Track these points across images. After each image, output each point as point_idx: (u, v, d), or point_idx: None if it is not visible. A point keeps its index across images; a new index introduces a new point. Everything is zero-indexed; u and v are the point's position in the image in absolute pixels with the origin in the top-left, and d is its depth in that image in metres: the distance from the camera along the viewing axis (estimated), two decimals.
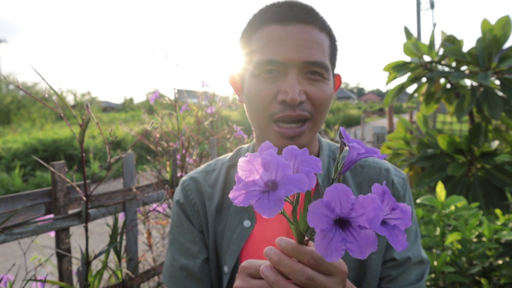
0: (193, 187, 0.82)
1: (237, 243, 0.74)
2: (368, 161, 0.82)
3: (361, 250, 0.37)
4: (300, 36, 0.67)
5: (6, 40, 27.18)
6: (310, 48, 0.67)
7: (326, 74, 0.70)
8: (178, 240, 0.81)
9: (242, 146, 0.89)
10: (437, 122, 5.32)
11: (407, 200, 0.81)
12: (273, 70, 0.68)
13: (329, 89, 0.71)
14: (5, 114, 18.31)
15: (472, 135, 2.42)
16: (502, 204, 2.25)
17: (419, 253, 0.79)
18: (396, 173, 0.82)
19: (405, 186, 0.81)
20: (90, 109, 0.76)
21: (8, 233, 1.12)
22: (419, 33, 15.04)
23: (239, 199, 0.38)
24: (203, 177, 0.83)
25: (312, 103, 0.69)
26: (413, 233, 0.80)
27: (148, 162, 7.65)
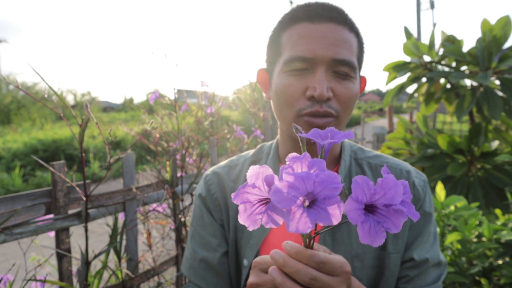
0: (215, 182, 0.84)
1: (258, 238, 0.76)
2: (389, 162, 0.83)
3: (395, 225, 0.41)
4: (330, 34, 0.69)
5: (6, 40, 27.17)
6: (339, 46, 0.69)
7: (353, 73, 0.71)
8: (199, 233, 0.83)
9: (265, 143, 0.91)
10: (437, 122, 5.32)
11: (427, 202, 0.81)
12: (302, 67, 0.70)
13: (355, 88, 0.73)
14: (5, 114, 18.30)
15: (472, 135, 2.42)
16: (502, 204, 2.25)
17: (437, 255, 0.80)
18: (417, 175, 0.82)
19: (426, 188, 0.81)
20: (89, 109, 0.76)
21: (8, 233, 1.12)
22: (419, 33, 15.04)
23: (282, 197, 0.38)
24: (226, 172, 0.85)
25: (338, 101, 0.71)
26: (432, 235, 0.80)
27: (148, 162, 7.65)
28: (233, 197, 0.44)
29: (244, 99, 2.25)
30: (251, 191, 0.43)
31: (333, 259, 0.49)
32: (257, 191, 0.43)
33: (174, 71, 1.52)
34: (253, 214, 0.43)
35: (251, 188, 0.43)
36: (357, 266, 0.73)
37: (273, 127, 2.27)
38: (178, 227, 1.63)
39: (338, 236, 0.74)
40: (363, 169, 0.81)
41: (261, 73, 0.83)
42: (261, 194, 0.43)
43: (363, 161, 0.82)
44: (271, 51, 0.77)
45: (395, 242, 0.76)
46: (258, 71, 0.84)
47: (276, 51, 0.75)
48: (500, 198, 2.28)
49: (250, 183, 0.43)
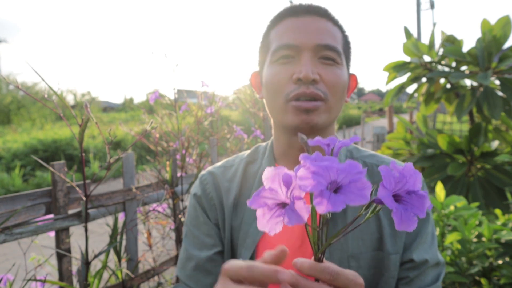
0: (210, 181, 0.84)
1: (253, 237, 0.76)
2: (384, 161, 0.82)
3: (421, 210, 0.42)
4: (313, 24, 0.73)
5: (6, 40, 27.17)
6: (323, 34, 0.72)
7: (339, 58, 0.73)
8: (193, 233, 0.83)
9: (260, 144, 0.91)
10: (437, 122, 5.32)
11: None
12: (289, 55, 0.72)
13: (342, 74, 0.74)
14: (5, 114, 18.30)
15: (472, 135, 2.42)
16: (502, 204, 2.25)
17: (436, 255, 0.79)
18: None
19: (423, 188, 0.79)
20: (89, 109, 0.76)
21: (8, 233, 1.12)
22: (419, 33, 15.04)
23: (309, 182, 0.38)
24: (221, 172, 0.85)
25: (326, 85, 0.72)
26: (430, 235, 0.79)
27: (148, 162, 7.65)
28: (250, 203, 0.43)
29: (244, 99, 2.25)
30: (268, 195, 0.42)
31: (346, 271, 0.48)
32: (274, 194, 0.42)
33: (174, 71, 1.52)
34: (273, 218, 0.42)
35: (268, 192, 0.42)
36: (353, 266, 0.73)
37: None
38: (178, 227, 1.63)
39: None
40: None
41: (254, 75, 0.86)
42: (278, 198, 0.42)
43: (358, 160, 0.82)
44: (261, 52, 0.81)
45: (394, 242, 0.76)
46: (251, 74, 0.86)
47: (265, 50, 0.78)
48: (500, 198, 2.28)
49: (266, 187, 0.42)
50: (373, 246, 0.74)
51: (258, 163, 0.84)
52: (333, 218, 0.74)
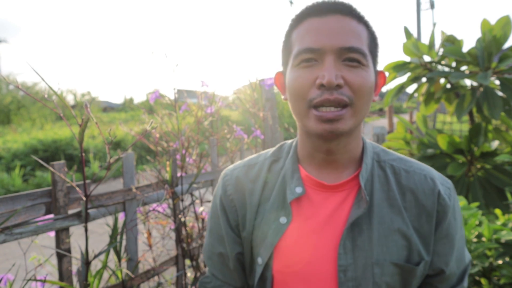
0: (232, 183, 0.84)
1: (272, 238, 0.76)
2: (413, 166, 0.79)
3: None
4: (336, 25, 0.69)
5: (6, 40, 27.16)
6: (346, 35, 0.68)
7: (364, 60, 0.69)
8: (216, 230, 0.85)
9: (286, 141, 0.89)
10: (437, 122, 5.32)
11: (456, 210, 0.77)
12: (311, 58, 0.69)
13: (369, 76, 0.70)
14: (5, 114, 18.29)
15: (472, 135, 2.42)
16: (502, 204, 2.25)
17: (464, 261, 0.79)
18: (443, 182, 0.78)
19: (452, 196, 0.77)
20: (89, 109, 0.76)
21: (8, 233, 1.12)
22: (419, 33, 15.03)
23: None
24: (245, 172, 0.85)
25: (351, 89, 0.68)
26: (462, 245, 0.79)
27: (148, 162, 7.64)
28: None
29: (244, 99, 2.25)
30: None
31: None
32: None
33: (174, 71, 1.52)
34: None
35: None
36: (376, 273, 0.71)
37: (273, 127, 2.27)
38: (178, 227, 1.63)
39: (359, 242, 0.72)
40: (385, 172, 0.78)
41: (278, 76, 0.83)
42: None
43: (386, 163, 0.79)
44: (284, 52, 0.78)
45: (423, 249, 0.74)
46: (275, 74, 0.84)
47: (287, 51, 0.76)
48: (500, 198, 2.28)
49: None
50: (399, 254, 0.72)
51: (281, 162, 0.83)
52: (358, 223, 0.72)
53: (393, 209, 0.74)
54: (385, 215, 0.73)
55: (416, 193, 0.75)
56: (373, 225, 0.72)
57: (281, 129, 2.79)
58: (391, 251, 0.72)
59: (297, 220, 0.75)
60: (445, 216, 0.74)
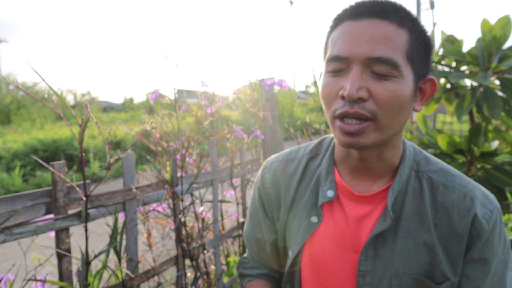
0: (269, 177, 0.87)
1: (303, 235, 0.78)
2: (454, 182, 0.73)
3: None
4: (368, 30, 0.64)
5: (6, 40, 27.17)
6: (377, 43, 0.63)
7: (395, 71, 0.63)
8: (255, 216, 0.91)
9: (327, 136, 0.89)
10: (437, 122, 5.32)
11: (496, 235, 0.71)
12: (339, 67, 0.67)
13: (400, 89, 0.64)
14: (5, 114, 18.30)
15: (472, 135, 2.42)
16: (502, 204, 2.25)
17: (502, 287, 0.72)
18: (485, 203, 0.71)
19: (493, 220, 0.71)
20: (89, 109, 0.76)
21: (8, 233, 1.12)
22: None
23: None
24: (283, 167, 0.86)
25: (376, 103, 0.64)
26: (501, 271, 0.72)
27: (148, 162, 7.65)
28: None
29: (244, 99, 2.25)
30: None
31: None
32: None
33: (174, 71, 1.52)
34: None
35: None
36: (394, 284, 0.71)
37: (273, 127, 2.27)
38: (178, 227, 1.63)
39: (381, 252, 0.72)
40: (421, 185, 0.73)
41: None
42: None
43: (424, 175, 0.74)
44: (324, 53, 0.75)
45: (449, 270, 0.71)
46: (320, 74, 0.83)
47: (324, 53, 0.73)
48: (500, 198, 2.28)
49: None
50: (420, 269, 0.71)
51: (319, 160, 0.83)
52: (383, 234, 0.72)
53: (421, 224, 0.71)
54: (412, 230, 0.71)
55: (450, 212, 0.71)
56: (397, 238, 0.71)
57: (281, 129, 2.79)
58: (412, 265, 0.71)
59: (327, 221, 0.77)
60: (479, 240, 0.70)
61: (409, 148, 0.77)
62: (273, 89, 2.30)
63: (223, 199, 2.07)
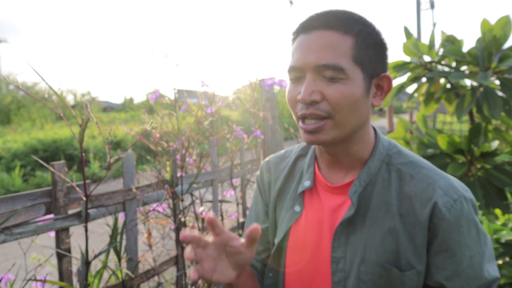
0: (265, 169, 0.99)
1: (287, 222, 0.87)
2: (421, 173, 0.76)
3: None
4: (316, 41, 0.73)
5: (5, 40, 27.16)
6: (323, 51, 0.71)
7: (342, 74, 0.71)
8: (254, 209, 1.00)
9: None
10: (437, 122, 5.32)
11: (462, 225, 0.72)
12: (296, 76, 0.76)
13: (349, 89, 0.72)
14: (5, 114, 18.30)
15: (472, 135, 2.42)
16: (502, 204, 2.25)
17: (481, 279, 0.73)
18: (448, 192, 0.73)
19: (456, 210, 0.71)
20: (89, 109, 0.76)
21: (8, 233, 1.12)
22: (419, 33, 15.04)
23: None
24: (277, 162, 0.97)
25: (329, 103, 0.72)
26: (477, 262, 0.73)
27: (148, 162, 7.64)
28: None
29: (244, 99, 2.25)
30: None
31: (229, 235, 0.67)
32: None
33: (174, 71, 1.52)
34: None
35: None
36: (362, 270, 0.75)
37: (273, 127, 2.27)
38: (178, 227, 1.63)
39: (352, 239, 0.77)
40: (390, 176, 0.78)
41: None
42: None
43: (393, 167, 0.79)
44: None
45: (413, 258, 0.73)
46: None
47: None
48: (500, 198, 2.28)
49: None
50: (387, 257, 0.74)
51: (307, 157, 0.91)
52: (353, 222, 0.77)
53: (388, 213, 0.75)
54: (379, 219, 0.76)
55: (414, 201, 0.74)
56: (365, 226, 0.76)
57: (281, 129, 2.79)
58: (378, 253, 0.74)
59: (308, 210, 0.85)
60: (441, 229, 0.72)
61: (382, 143, 0.82)
62: (273, 89, 2.30)
63: (223, 199, 2.07)
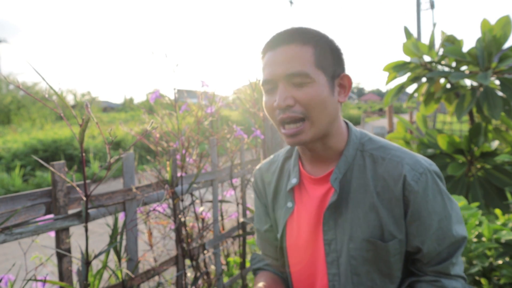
0: (258, 176, 1.09)
1: (283, 218, 0.98)
2: (390, 154, 0.87)
3: None
4: (282, 55, 0.83)
5: (5, 40, 27.16)
6: (289, 62, 0.82)
7: (308, 78, 0.81)
8: (256, 213, 1.10)
9: None
10: (437, 122, 5.33)
11: (428, 194, 0.82)
12: (270, 87, 0.86)
13: (316, 90, 0.82)
14: (5, 114, 18.30)
15: (472, 135, 2.42)
16: (502, 204, 2.25)
17: (449, 238, 0.84)
18: (414, 167, 0.83)
19: (423, 182, 0.82)
20: (90, 109, 0.76)
21: (8, 233, 1.12)
22: (419, 33, 15.03)
23: None
24: (267, 167, 1.07)
25: (302, 105, 0.82)
26: (445, 225, 0.84)
27: (148, 162, 7.64)
28: None
29: (244, 99, 2.25)
30: None
31: None
32: None
33: (174, 71, 1.52)
34: None
35: None
36: (351, 247, 0.86)
37: (273, 127, 2.27)
38: (178, 227, 1.63)
39: (340, 221, 0.88)
40: (364, 161, 0.88)
41: None
42: None
43: (366, 153, 0.88)
44: None
45: (395, 229, 0.84)
46: None
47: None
48: (500, 198, 2.28)
49: None
50: (371, 232, 0.84)
51: (292, 158, 1.00)
52: (338, 206, 0.87)
53: (367, 194, 0.85)
54: (360, 200, 0.86)
55: (387, 179, 0.84)
56: (349, 208, 0.86)
57: None
58: (363, 230, 0.85)
59: (299, 205, 0.95)
60: (412, 200, 0.82)
61: (355, 133, 0.92)
62: None
63: (223, 199, 2.07)
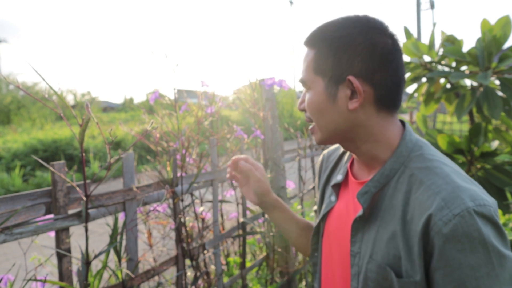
0: (321, 159, 1.11)
1: (325, 209, 0.96)
2: (432, 180, 0.70)
3: None
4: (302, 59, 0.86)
5: (5, 40, 27.16)
6: (302, 67, 0.85)
7: (306, 86, 0.83)
8: (316, 189, 1.11)
9: None
10: (437, 122, 5.33)
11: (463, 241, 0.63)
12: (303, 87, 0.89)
13: (310, 98, 0.83)
14: (5, 114, 18.30)
15: (472, 135, 2.42)
16: (502, 204, 2.25)
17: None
18: (450, 205, 0.65)
19: (457, 224, 0.63)
20: (90, 109, 0.76)
21: (8, 233, 1.12)
22: (419, 33, 15.04)
23: None
24: (330, 153, 1.08)
25: (307, 110, 0.85)
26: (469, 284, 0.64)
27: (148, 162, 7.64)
28: None
29: (244, 99, 2.25)
30: None
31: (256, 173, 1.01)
32: None
33: (174, 71, 1.52)
34: None
35: None
36: (369, 268, 0.76)
37: (273, 127, 2.27)
38: (178, 227, 1.63)
39: (366, 236, 0.79)
40: (403, 180, 0.75)
41: None
42: None
43: (410, 171, 0.74)
44: None
45: (409, 267, 0.69)
46: None
47: None
48: (500, 198, 2.28)
49: None
50: (389, 260, 0.72)
51: (347, 154, 0.99)
52: (369, 220, 0.79)
53: (394, 218, 0.73)
54: (388, 222, 0.74)
55: (417, 210, 0.69)
56: (376, 227, 0.77)
57: (281, 129, 2.79)
58: (383, 254, 0.73)
59: (340, 201, 0.92)
60: (438, 245, 0.65)
61: (407, 144, 0.78)
62: (273, 89, 2.30)
63: (223, 199, 2.07)
